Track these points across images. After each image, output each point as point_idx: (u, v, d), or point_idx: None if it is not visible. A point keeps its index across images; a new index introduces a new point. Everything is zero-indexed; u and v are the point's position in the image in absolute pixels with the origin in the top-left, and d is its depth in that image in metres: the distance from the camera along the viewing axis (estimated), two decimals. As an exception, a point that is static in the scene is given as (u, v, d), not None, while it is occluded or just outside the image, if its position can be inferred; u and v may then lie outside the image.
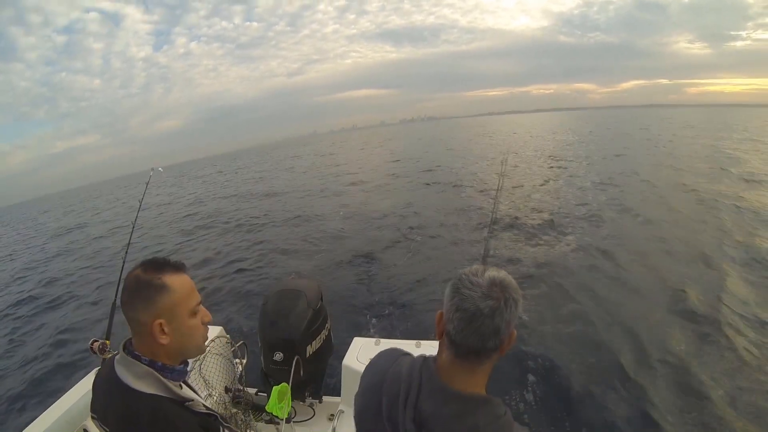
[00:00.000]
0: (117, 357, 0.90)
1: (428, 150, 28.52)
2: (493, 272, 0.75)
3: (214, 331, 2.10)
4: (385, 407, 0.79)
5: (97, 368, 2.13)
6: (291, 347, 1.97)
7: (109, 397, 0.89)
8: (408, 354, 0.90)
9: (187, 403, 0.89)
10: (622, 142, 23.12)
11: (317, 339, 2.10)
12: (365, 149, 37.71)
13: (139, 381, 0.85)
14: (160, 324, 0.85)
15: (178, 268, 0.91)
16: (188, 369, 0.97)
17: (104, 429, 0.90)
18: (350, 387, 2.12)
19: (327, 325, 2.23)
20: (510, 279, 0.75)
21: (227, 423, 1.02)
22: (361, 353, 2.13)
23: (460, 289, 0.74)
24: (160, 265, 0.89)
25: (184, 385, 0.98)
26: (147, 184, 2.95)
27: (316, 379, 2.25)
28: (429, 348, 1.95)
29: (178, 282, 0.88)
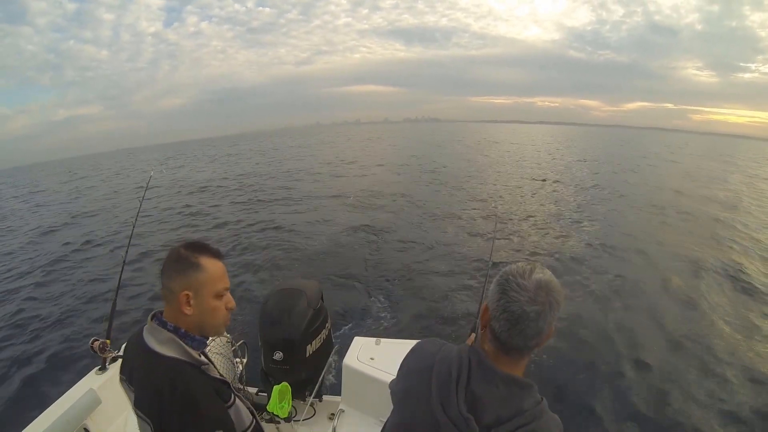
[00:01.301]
0: (146, 326, 1.01)
1: (432, 149, 28.59)
2: (539, 274, 0.77)
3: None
4: (436, 389, 0.81)
5: (97, 367, 2.16)
6: (291, 347, 1.97)
7: (135, 359, 1.00)
8: (449, 343, 0.93)
9: (203, 367, 1.00)
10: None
11: (317, 338, 2.10)
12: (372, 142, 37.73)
13: (162, 346, 0.96)
14: (187, 295, 0.97)
15: (214, 254, 1.04)
16: (207, 341, 1.07)
17: (131, 388, 0.99)
18: (350, 386, 2.12)
19: (327, 324, 2.23)
20: (554, 281, 0.77)
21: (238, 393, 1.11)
22: (361, 353, 2.13)
23: (507, 292, 0.76)
24: (199, 247, 1.02)
25: (202, 355, 1.08)
26: (146, 186, 2.96)
27: (317, 379, 2.25)
28: None
29: (210, 265, 1.01)
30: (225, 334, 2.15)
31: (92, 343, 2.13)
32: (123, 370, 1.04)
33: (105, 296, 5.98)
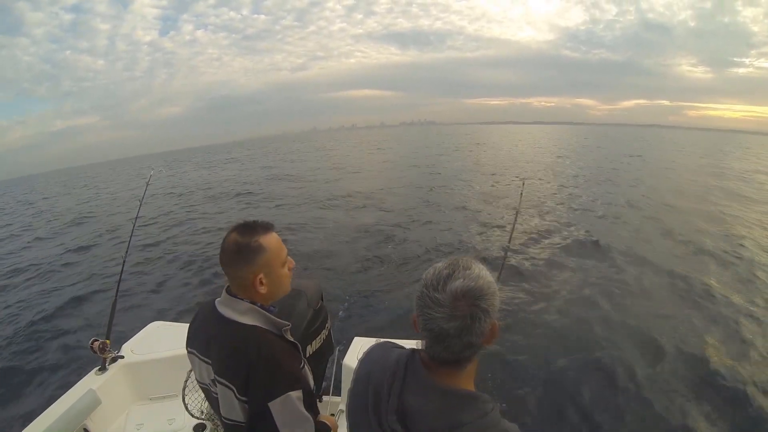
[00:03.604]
0: (218, 300, 1.07)
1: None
2: (456, 281, 0.67)
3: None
4: (371, 398, 0.77)
5: (96, 367, 2.15)
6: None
7: (213, 330, 1.03)
8: (400, 347, 0.87)
9: (283, 329, 1.08)
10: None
11: (317, 339, 2.09)
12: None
13: (242, 316, 1.02)
14: (260, 278, 1.03)
15: (267, 228, 1.06)
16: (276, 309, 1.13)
17: (203, 360, 1.04)
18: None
19: (327, 324, 2.21)
20: (478, 284, 0.67)
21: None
22: (361, 353, 2.11)
23: (423, 309, 0.70)
24: (252, 228, 1.04)
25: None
26: (147, 183, 2.95)
27: (317, 379, 2.24)
28: None
29: (269, 240, 1.04)
30: None
31: (92, 344, 2.12)
32: (192, 344, 1.08)
33: (105, 296, 5.98)
